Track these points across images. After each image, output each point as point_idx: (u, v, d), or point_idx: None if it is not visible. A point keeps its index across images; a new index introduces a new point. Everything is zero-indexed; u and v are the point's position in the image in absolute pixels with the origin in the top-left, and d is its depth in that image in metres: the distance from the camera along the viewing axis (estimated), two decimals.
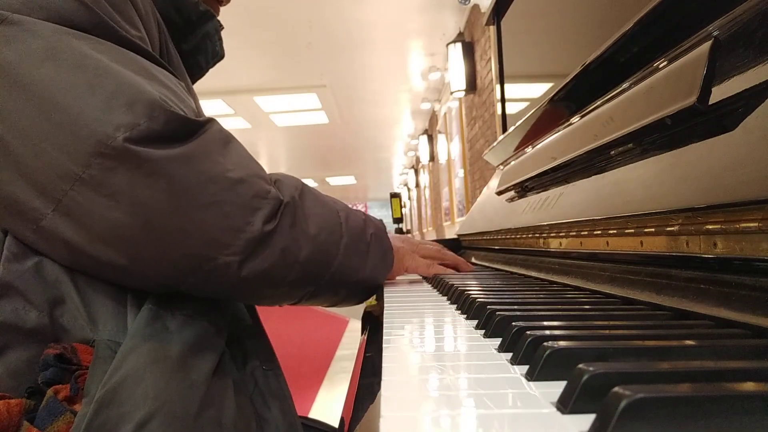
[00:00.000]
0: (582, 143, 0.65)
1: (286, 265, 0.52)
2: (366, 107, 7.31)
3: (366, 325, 0.81)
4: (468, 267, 0.88)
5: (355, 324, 3.94)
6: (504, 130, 1.32)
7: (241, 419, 0.48)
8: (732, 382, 0.22)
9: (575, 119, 0.75)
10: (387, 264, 0.66)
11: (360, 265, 0.61)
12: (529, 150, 0.99)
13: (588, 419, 0.21)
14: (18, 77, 0.43)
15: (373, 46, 5.15)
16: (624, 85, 0.59)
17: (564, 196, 0.71)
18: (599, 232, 0.55)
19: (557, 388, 0.24)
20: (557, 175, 0.79)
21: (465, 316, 0.47)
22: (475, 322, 0.43)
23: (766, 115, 0.35)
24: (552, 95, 0.86)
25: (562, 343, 0.28)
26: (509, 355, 0.32)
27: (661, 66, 0.51)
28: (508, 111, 1.35)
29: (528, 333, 0.32)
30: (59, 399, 0.41)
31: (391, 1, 4.23)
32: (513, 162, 1.12)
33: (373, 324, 0.74)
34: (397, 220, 11.38)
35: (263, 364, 0.55)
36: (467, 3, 3.89)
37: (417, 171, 11.09)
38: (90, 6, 0.46)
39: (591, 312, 0.45)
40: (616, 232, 0.51)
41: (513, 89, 1.33)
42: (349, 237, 0.59)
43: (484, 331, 0.40)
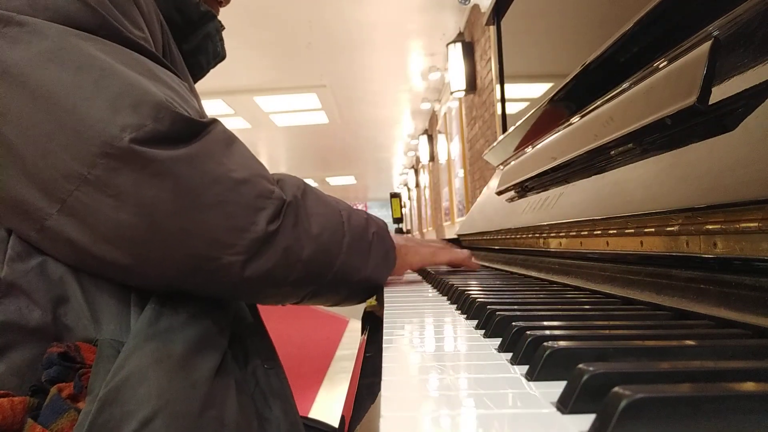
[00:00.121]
0: (582, 143, 0.65)
1: (288, 265, 0.52)
2: (366, 107, 7.31)
3: (366, 325, 0.81)
4: (475, 265, 0.88)
5: (355, 324, 3.94)
6: (504, 130, 1.32)
7: (243, 418, 0.48)
8: (732, 382, 0.22)
9: (575, 119, 0.75)
10: (389, 263, 0.66)
11: (362, 265, 0.61)
12: (529, 150, 0.99)
13: (588, 419, 0.21)
14: (24, 78, 0.43)
15: (373, 46, 5.15)
16: (624, 85, 0.59)
17: (564, 196, 0.71)
18: (599, 232, 0.55)
19: (557, 388, 0.24)
20: (557, 175, 0.79)
21: (465, 316, 0.48)
22: (475, 322, 0.44)
23: (766, 115, 0.35)
24: (552, 95, 0.86)
25: (562, 343, 0.28)
26: (509, 355, 0.32)
27: (661, 66, 0.51)
28: (508, 111, 1.35)
29: (528, 333, 0.32)
30: (63, 397, 0.41)
31: (391, 2, 4.23)
32: (513, 162, 1.12)
33: (374, 324, 0.74)
34: (397, 220, 11.39)
35: (265, 363, 0.55)
36: (467, 3, 3.89)
37: (417, 171, 11.08)
38: (94, 7, 0.46)
39: (591, 312, 0.45)
40: (616, 232, 0.51)
41: (513, 89, 1.33)
42: (352, 236, 0.59)
43: (484, 331, 0.40)
